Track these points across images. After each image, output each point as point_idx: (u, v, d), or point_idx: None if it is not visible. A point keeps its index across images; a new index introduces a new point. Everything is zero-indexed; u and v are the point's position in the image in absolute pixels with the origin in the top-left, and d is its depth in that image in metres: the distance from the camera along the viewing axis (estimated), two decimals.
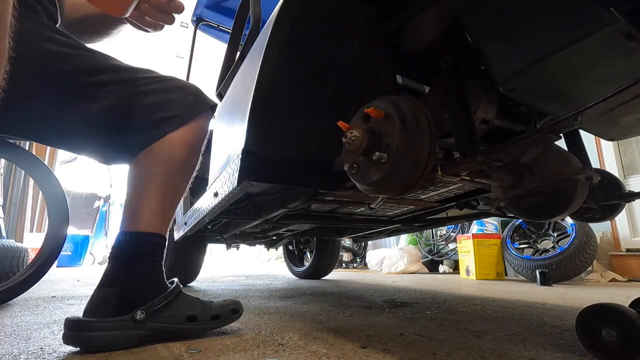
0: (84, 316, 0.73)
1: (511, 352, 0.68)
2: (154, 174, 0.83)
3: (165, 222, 0.86)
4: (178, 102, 0.86)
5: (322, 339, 0.78)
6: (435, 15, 0.66)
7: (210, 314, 0.82)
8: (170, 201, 0.86)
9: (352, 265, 4.54)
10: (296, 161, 0.81)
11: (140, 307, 0.73)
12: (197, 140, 0.90)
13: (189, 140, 0.87)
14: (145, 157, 0.83)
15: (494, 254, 2.62)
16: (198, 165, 0.93)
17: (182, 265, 1.94)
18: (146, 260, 0.80)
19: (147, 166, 0.83)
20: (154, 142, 0.83)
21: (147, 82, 0.85)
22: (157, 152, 0.83)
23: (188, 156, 0.87)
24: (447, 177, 0.59)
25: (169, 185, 0.85)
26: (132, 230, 0.80)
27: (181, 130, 0.85)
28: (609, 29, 0.39)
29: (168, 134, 0.84)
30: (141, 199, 0.82)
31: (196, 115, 0.88)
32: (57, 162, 4.92)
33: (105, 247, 6.08)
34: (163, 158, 0.83)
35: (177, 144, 0.85)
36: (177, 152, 0.85)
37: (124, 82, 0.83)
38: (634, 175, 2.69)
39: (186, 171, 0.89)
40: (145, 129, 0.83)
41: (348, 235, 1.89)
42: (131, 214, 0.82)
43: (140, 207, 0.82)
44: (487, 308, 1.21)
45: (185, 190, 0.92)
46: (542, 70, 0.48)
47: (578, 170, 0.68)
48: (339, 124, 0.59)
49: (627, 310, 0.57)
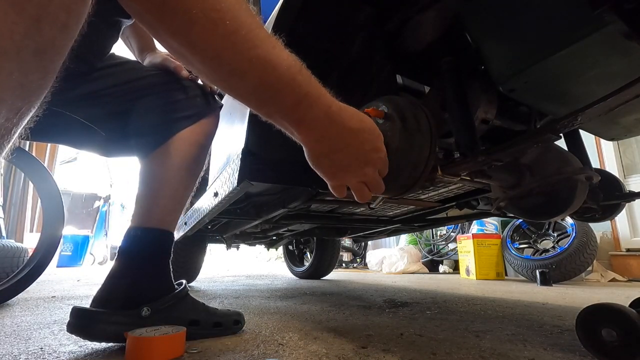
0: (92, 304, 0.74)
1: (511, 352, 0.68)
2: (167, 172, 0.84)
3: (175, 220, 0.86)
4: (189, 102, 0.87)
5: (322, 339, 0.78)
6: (435, 15, 0.66)
7: (213, 321, 0.81)
8: (180, 199, 0.87)
9: (352, 265, 4.54)
10: (296, 161, 0.81)
11: (147, 304, 0.73)
12: (206, 139, 0.91)
13: (199, 139, 0.88)
14: (159, 155, 0.84)
15: (494, 254, 2.62)
16: (206, 164, 0.94)
17: (182, 265, 1.94)
18: (155, 257, 0.81)
19: (160, 164, 0.84)
20: (168, 140, 0.84)
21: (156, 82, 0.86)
22: (170, 151, 0.84)
23: (198, 155, 0.89)
24: (447, 177, 0.59)
25: (180, 183, 0.85)
26: (143, 226, 0.81)
27: (192, 129, 0.86)
28: (608, 29, 0.39)
29: (180, 131, 0.85)
30: (154, 196, 0.83)
31: (205, 115, 0.89)
32: (57, 162, 4.92)
33: (105, 247, 6.08)
34: (176, 156, 0.84)
35: (188, 143, 0.86)
36: (189, 151, 0.86)
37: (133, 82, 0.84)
38: (634, 175, 2.69)
39: (196, 170, 0.90)
40: (159, 129, 0.84)
41: (348, 235, 1.88)
42: (143, 210, 0.82)
43: (152, 203, 0.82)
44: (487, 308, 1.21)
45: (193, 189, 0.92)
46: (542, 70, 0.48)
47: (578, 170, 0.68)
48: None
49: (627, 310, 0.57)
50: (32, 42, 0.27)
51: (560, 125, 0.48)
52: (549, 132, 0.49)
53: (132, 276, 0.77)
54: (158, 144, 0.84)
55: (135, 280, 0.76)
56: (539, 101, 0.58)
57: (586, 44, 0.43)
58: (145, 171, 0.85)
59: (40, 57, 0.28)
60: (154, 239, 0.81)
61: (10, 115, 0.28)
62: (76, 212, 6.22)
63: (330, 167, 0.49)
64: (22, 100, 0.29)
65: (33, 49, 0.27)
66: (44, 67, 0.29)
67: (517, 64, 0.49)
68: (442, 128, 0.68)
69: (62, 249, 4.60)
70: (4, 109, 0.27)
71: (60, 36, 0.29)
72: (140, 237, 0.80)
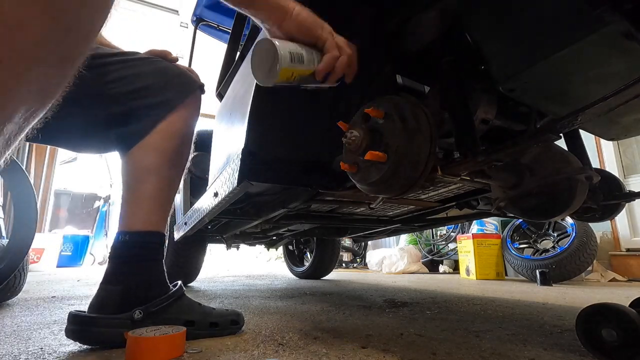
0: (88, 310, 0.74)
1: (511, 352, 0.68)
2: (147, 170, 0.81)
3: (163, 219, 0.85)
4: (160, 86, 0.81)
5: (322, 339, 0.78)
6: (435, 15, 0.66)
7: (209, 321, 0.81)
8: (165, 196, 0.85)
9: (352, 265, 4.54)
10: (296, 161, 0.81)
11: (139, 307, 0.73)
12: (188, 127, 0.87)
13: (179, 129, 0.84)
14: (137, 152, 0.81)
15: (494, 254, 2.62)
16: (190, 154, 0.90)
17: (182, 265, 1.94)
18: (146, 259, 0.80)
19: (138, 161, 0.81)
20: (147, 135, 0.80)
21: (118, 67, 0.79)
22: (149, 147, 0.81)
23: (179, 146, 0.85)
24: (447, 177, 0.59)
25: (163, 180, 0.83)
26: (129, 230, 0.80)
27: (170, 118, 0.82)
28: (608, 29, 0.39)
29: (159, 123, 0.80)
30: (136, 197, 0.81)
31: (183, 98, 0.84)
32: (57, 162, 4.92)
33: (105, 247, 6.07)
34: (155, 151, 0.81)
35: (168, 136, 0.82)
36: (169, 145, 0.83)
37: (101, 59, 0.77)
38: (634, 175, 2.69)
39: (179, 163, 0.87)
40: (130, 121, 0.80)
41: (348, 235, 1.88)
42: (127, 214, 0.81)
43: (135, 205, 0.81)
44: (487, 308, 1.21)
45: (180, 183, 0.89)
46: (542, 70, 0.48)
47: (578, 170, 0.68)
48: (339, 124, 0.59)
49: (627, 310, 0.58)
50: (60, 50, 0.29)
51: (560, 125, 0.48)
52: (549, 132, 0.49)
53: (123, 281, 0.76)
54: (137, 138, 0.80)
55: (127, 285, 0.76)
56: (539, 101, 0.58)
57: (586, 44, 0.42)
58: (126, 171, 0.83)
59: (64, 64, 0.30)
60: (142, 242, 0.80)
61: (27, 115, 0.29)
62: (76, 212, 6.21)
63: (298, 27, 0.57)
64: (39, 102, 0.30)
65: (60, 57, 0.29)
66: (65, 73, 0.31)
67: (517, 64, 0.49)
68: (442, 128, 0.68)
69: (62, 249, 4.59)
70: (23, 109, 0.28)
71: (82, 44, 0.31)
72: (128, 242, 0.79)
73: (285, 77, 0.54)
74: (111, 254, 0.80)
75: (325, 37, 0.59)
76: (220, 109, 1.20)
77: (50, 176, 4.74)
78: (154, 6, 5.02)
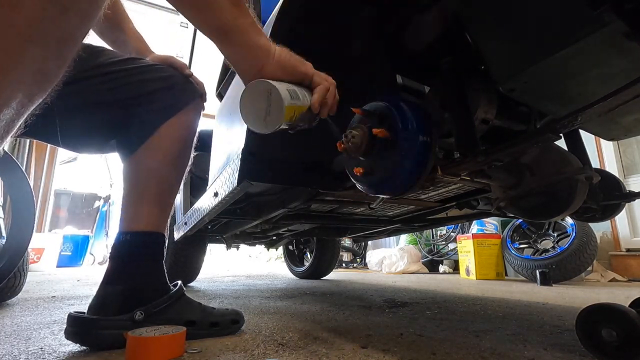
0: (89, 311, 0.74)
1: (511, 352, 0.68)
2: (148, 171, 0.82)
3: (164, 220, 0.85)
4: (164, 92, 0.83)
5: (322, 339, 0.78)
6: (435, 15, 0.66)
7: (210, 321, 0.81)
8: (166, 198, 0.86)
9: (352, 265, 4.54)
10: (296, 161, 0.81)
11: (140, 308, 0.73)
12: (189, 133, 0.88)
13: (181, 134, 0.85)
14: (139, 154, 0.82)
15: (494, 254, 2.62)
16: (191, 159, 0.92)
17: (182, 265, 1.94)
18: (147, 260, 0.80)
19: (140, 163, 0.82)
20: (148, 139, 0.81)
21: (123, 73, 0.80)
22: (151, 150, 0.82)
23: (181, 150, 0.86)
24: (447, 177, 0.59)
25: (164, 182, 0.84)
26: (131, 230, 0.80)
27: (172, 123, 0.83)
28: (608, 28, 0.39)
29: (160, 127, 0.82)
30: (138, 198, 0.82)
31: (186, 104, 0.86)
32: (57, 162, 4.92)
33: (105, 247, 6.07)
34: (157, 153, 0.82)
35: (170, 140, 0.83)
36: (171, 149, 0.84)
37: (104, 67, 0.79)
38: (634, 175, 2.69)
39: (180, 166, 0.88)
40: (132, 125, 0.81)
41: (348, 235, 1.88)
42: (129, 214, 0.82)
43: (137, 206, 0.82)
44: (487, 308, 1.21)
45: (180, 185, 0.91)
46: (542, 70, 0.48)
47: (578, 170, 0.68)
48: (352, 108, 0.58)
49: (627, 310, 0.57)
50: (58, 31, 0.28)
51: (560, 125, 0.48)
52: (549, 132, 0.49)
53: (124, 282, 0.76)
54: (140, 141, 0.81)
55: (128, 285, 0.76)
56: (539, 101, 0.58)
57: (586, 44, 0.42)
58: (127, 172, 0.84)
59: (61, 46, 0.30)
60: (143, 243, 0.80)
61: (25, 100, 0.29)
62: (76, 212, 6.21)
63: (283, 68, 0.56)
64: (38, 86, 0.30)
65: (57, 38, 0.29)
66: (63, 55, 0.30)
67: (517, 64, 0.49)
68: (442, 128, 0.68)
69: (62, 249, 4.59)
70: (22, 92, 0.28)
71: (81, 26, 0.31)
72: (129, 242, 0.80)
73: (289, 116, 0.52)
74: (112, 254, 0.80)
75: (312, 72, 0.58)
76: (220, 109, 1.20)
77: (50, 176, 4.74)
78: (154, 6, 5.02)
